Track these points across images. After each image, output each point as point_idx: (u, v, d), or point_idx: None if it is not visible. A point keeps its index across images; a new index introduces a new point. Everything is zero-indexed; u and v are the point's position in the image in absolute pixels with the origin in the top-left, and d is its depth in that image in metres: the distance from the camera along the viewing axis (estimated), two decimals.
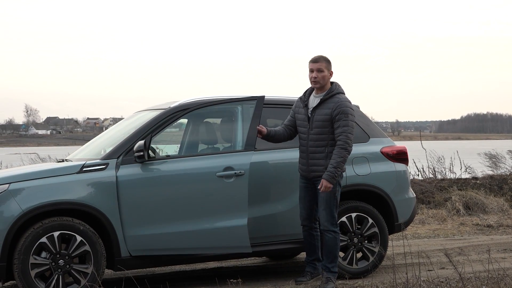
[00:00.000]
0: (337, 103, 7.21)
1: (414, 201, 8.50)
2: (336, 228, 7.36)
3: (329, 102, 7.26)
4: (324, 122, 7.24)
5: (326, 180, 7.13)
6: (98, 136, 8.63)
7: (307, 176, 7.42)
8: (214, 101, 7.84)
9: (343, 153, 7.13)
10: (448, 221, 12.57)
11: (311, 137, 7.32)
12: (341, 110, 7.17)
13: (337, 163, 7.12)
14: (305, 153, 7.39)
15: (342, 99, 7.25)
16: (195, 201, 7.37)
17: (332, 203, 7.29)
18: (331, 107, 7.22)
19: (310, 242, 7.61)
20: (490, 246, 9.90)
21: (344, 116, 7.16)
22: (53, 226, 6.89)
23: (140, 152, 7.12)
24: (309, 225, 7.56)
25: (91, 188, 7.07)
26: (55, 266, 6.87)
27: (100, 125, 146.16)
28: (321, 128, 7.26)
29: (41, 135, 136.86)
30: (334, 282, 7.32)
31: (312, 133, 7.31)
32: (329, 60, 7.39)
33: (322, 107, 7.28)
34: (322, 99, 7.30)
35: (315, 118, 7.29)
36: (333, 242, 7.33)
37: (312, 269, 7.62)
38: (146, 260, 7.27)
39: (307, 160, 7.37)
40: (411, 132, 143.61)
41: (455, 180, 15.23)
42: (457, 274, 6.79)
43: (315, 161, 7.31)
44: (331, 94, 7.29)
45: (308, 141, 7.35)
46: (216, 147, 8.01)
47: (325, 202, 7.28)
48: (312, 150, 7.32)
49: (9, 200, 6.82)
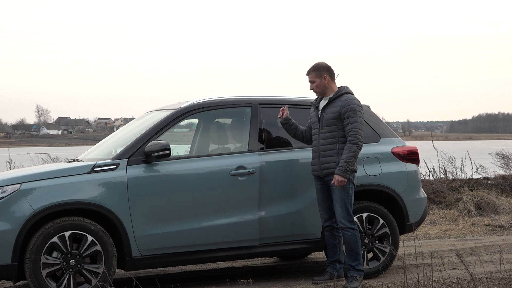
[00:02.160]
0: (345, 101, 7.38)
1: (425, 202, 8.48)
2: (354, 225, 7.41)
3: (337, 101, 7.43)
4: (333, 120, 7.38)
5: (338, 175, 7.24)
6: (109, 136, 8.65)
7: (319, 175, 7.49)
8: (225, 101, 7.87)
9: (354, 148, 7.24)
10: (460, 221, 12.53)
11: (321, 135, 7.44)
12: (349, 108, 7.32)
13: (348, 157, 7.22)
14: (317, 152, 7.49)
15: (350, 98, 7.42)
16: (207, 199, 7.41)
17: (346, 201, 7.36)
18: (340, 105, 7.38)
19: (331, 243, 7.63)
20: (502, 246, 9.86)
21: (353, 113, 7.30)
22: (64, 226, 6.91)
23: (167, 150, 7.16)
24: (331, 226, 7.59)
25: (102, 188, 7.09)
26: (66, 266, 6.89)
27: (111, 125, 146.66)
28: (331, 126, 7.39)
29: (52, 135, 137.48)
30: (358, 281, 7.32)
31: (323, 131, 7.44)
32: (319, 67, 7.53)
33: (331, 106, 7.45)
34: (330, 98, 7.46)
35: (325, 117, 7.44)
36: (353, 239, 7.37)
37: (332, 270, 7.62)
38: (157, 260, 7.28)
39: (319, 158, 7.46)
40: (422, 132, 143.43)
41: (466, 180, 15.17)
42: (469, 275, 6.77)
43: (327, 159, 7.40)
44: (339, 94, 7.47)
45: (319, 140, 7.47)
46: (227, 147, 8.03)
47: (340, 200, 7.35)
48: (323, 148, 7.43)
49: (20, 200, 6.85)
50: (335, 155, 7.37)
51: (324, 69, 7.53)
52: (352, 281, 7.31)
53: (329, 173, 7.39)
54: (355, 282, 7.30)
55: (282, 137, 7.96)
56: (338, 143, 7.37)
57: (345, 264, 7.54)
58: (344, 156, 7.25)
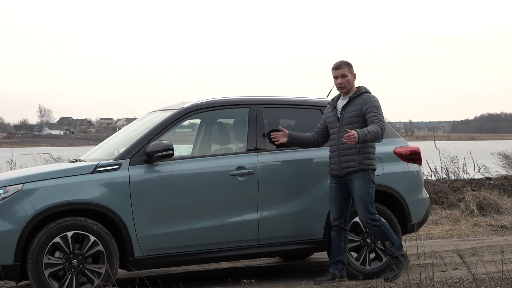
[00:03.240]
0: (365, 99, 7.50)
1: (427, 202, 8.48)
2: (377, 221, 7.51)
3: (357, 100, 7.53)
4: (354, 119, 7.48)
5: (357, 133, 7.17)
6: (112, 136, 8.66)
7: (338, 174, 7.54)
8: (227, 101, 7.88)
9: (378, 128, 7.29)
10: (462, 221, 12.53)
11: (341, 135, 7.48)
12: (371, 103, 7.45)
13: (372, 130, 7.25)
14: (337, 151, 7.54)
15: (369, 96, 7.54)
16: (208, 199, 7.42)
17: (367, 200, 7.46)
18: (360, 103, 7.48)
19: (337, 243, 7.63)
20: (504, 247, 9.85)
21: (375, 108, 7.43)
22: (67, 226, 6.92)
23: (170, 150, 7.17)
24: (339, 226, 7.61)
25: (104, 188, 7.10)
26: (69, 266, 6.90)
27: (114, 125, 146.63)
28: (352, 125, 7.46)
29: (54, 136, 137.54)
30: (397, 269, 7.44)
31: (343, 130, 7.49)
32: (350, 63, 7.65)
33: (351, 105, 7.53)
34: (351, 97, 7.55)
35: (345, 116, 7.53)
36: (381, 232, 7.52)
37: (334, 270, 7.61)
38: (159, 260, 7.29)
39: (339, 157, 7.51)
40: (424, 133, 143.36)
41: (468, 181, 15.16)
42: (471, 275, 6.76)
43: (347, 157, 7.47)
44: (359, 93, 7.57)
45: (339, 139, 7.51)
46: (229, 147, 8.04)
47: (361, 200, 7.45)
48: (344, 147, 7.49)
49: (23, 200, 6.86)
50: (356, 154, 7.43)
51: (353, 67, 7.65)
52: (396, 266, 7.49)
53: (349, 172, 7.45)
54: (392, 272, 7.48)
55: None
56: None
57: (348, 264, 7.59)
58: (369, 128, 7.25)
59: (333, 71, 7.62)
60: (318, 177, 7.82)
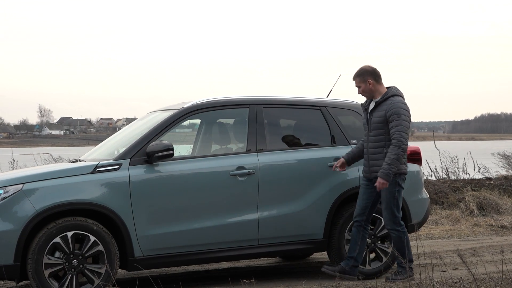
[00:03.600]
0: (390, 104, 7.46)
1: (427, 202, 8.48)
2: (400, 226, 7.53)
3: (383, 105, 7.52)
4: (380, 124, 7.49)
5: (381, 178, 7.33)
6: (112, 136, 8.67)
7: (368, 177, 7.61)
8: (227, 101, 7.88)
9: (396, 150, 7.32)
10: (462, 221, 12.53)
11: (370, 139, 7.57)
12: (394, 111, 7.40)
13: (390, 160, 7.32)
14: (366, 155, 7.62)
15: (395, 101, 7.47)
16: (208, 199, 7.43)
17: (392, 203, 7.49)
18: (385, 109, 7.47)
19: (354, 239, 7.65)
20: (504, 247, 9.85)
21: (397, 116, 7.37)
22: (67, 226, 6.92)
23: (170, 151, 7.17)
24: (359, 223, 7.64)
25: (104, 188, 7.10)
26: (69, 266, 6.90)
27: (114, 125, 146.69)
28: (378, 130, 7.51)
29: (54, 136, 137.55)
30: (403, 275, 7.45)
31: (371, 135, 7.56)
32: (362, 72, 7.62)
33: (378, 109, 7.55)
34: (377, 102, 7.56)
35: (372, 120, 7.57)
36: (398, 240, 7.53)
37: (345, 265, 7.62)
38: (159, 260, 7.29)
39: (368, 161, 7.58)
40: (424, 133, 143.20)
41: (468, 181, 15.16)
42: (471, 275, 6.76)
43: (375, 162, 7.52)
44: (385, 97, 7.54)
45: (368, 143, 7.59)
46: (229, 147, 8.04)
47: (385, 203, 7.49)
48: (372, 151, 7.55)
49: (23, 200, 6.86)
50: (383, 159, 7.45)
51: (368, 73, 7.60)
52: (397, 274, 7.51)
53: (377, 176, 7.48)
54: (399, 275, 7.48)
55: (282, 138, 7.97)
56: (385, 147, 7.47)
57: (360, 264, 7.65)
58: (386, 159, 7.34)
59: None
60: (318, 177, 7.82)
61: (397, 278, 7.46)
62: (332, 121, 8.08)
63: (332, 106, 8.19)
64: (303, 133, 8.16)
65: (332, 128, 8.06)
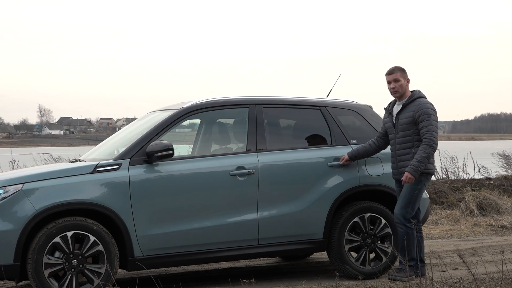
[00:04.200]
0: (418, 105, 7.56)
1: (427, 202, 8.48)
2: (409, 223, 7.57)
3: (411, 106, 7.61)
4: (408, 125, 7.58)
5: (409, 172, 7.42)
6: (111, 136, 8.66)
7: (398, 178, 7.70)
8: (227, 101, 7.89)
9: (428, 149, 7.44)
10: (462, 221, 12.53)
11: (397, 140, 7.65)
12: (423, 112, 7.51)
13: (421, 157, 7.42)
14: (394, 157, 7.71)
15: (423, 102, 7.59)
16: (208, 199, 7.42)
17: (410, 198, 7.56)
18: (413, 109, 7.56)
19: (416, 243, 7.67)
20: (504, 247, 9.86)
21: (427, 117, 7.49)
22: (67, 226, 6.92)
23: (170, 150, 7.18)
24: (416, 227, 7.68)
25: (104, 188, 7.10)
26: (69, 266, 6.90)
27: (113, 125, 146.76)
28: (406, 131, 7.60)
29: (54, 135, 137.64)
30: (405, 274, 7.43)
31: (398, 136, 7.65)
32: (403, 68, 7.76)
33: (405, 111, 7.63)
34: (404, 104, 7.64)
35: (399, 122, 7.65)
36: (406, 235, 7.56)
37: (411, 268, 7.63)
38: (159, 260, 7.29)
39: (396, 163, 7.68)
40: None
41: (468, 181, 15.16)
42: (471, 275, 6.76)
43: (403, 163, 7.60)
44: (412, 99, 7.64)
45: (396, 145, 7.68)
46: (229, 147, 8.04)
47: (404, 196, 7.58)
48: (400, 152, 7.64)
49: (23, 200, 6.86)
50: (411, 159, 7.53)
51: (406, 72, 7.73)
52: (400, 272, 7.52)
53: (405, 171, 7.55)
54: (401, 273, 7.49)
55: (282, 137, 7.97)
56: (413, 147, 7.57)
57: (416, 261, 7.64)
58: (417, 156, 7.44)
59: (387, 76, 7.75)
60: (318, 177, 7.82)
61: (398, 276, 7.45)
62: (332, 121, 8.08)
63: (332, 106, 8.19)
64: (303, 133, 8.16)
65: (332, 128, 8.06)
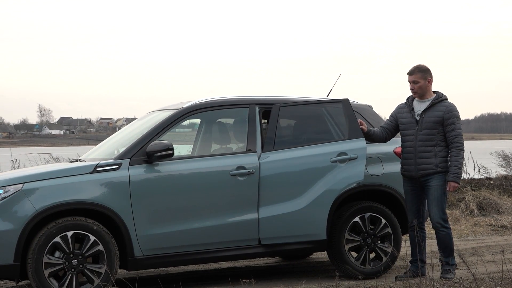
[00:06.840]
0: (448, 107, 7.62)
1: None
2: (448, 224, 7.73)
3: (439, 106, 7.65)
4: (435, 124, 7.60)
5: (453, 181, 7.53)
6: (112, 136, 8.66)
7: (414, 175, 7.68)
8: (227, 101, 7.89)
9: (461, 153, 7.59)
10: (462, 221, 12.53)
11: (419, 137, 7.64)
12: (453, 114, 7.59)
13: (459, 163, 7.56)
14: (413, 153, 7.68)
15: (451, 104, 7.69)
16: (208, 199, 7.42)
17: (443, 201, 7.64)
18: (442, 110, 7.60)
19: (414, 243, 7.70)
20: (504, 246, 9.86)
21: (456, 120, 7.60)
22: (67, 226, 6.92)
23: (170, 150, 7.18)
24: (418, 226, 7.71)
25: (104, 188, 7.10)
26: (69, 266, 6.90)
27: (114, 125, 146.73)
28: (431, 129, 7.61)
29: (54, 135, 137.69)
30: (453, 272, 7.59)
31: (421, 133, 7.64)
32: (425, 69, 7.75)
33: (432, 110, 7.65)
34: (432, 103, 7.65)
35: (425, 120, 7.64)
36: (447, 237, 7.68)
37: (415, 269, 7.72)
38: (159, 260, 7.29)
39: (415, 159, 7.64)
40: None
41: (468, 181, 15.17)
42: (471, 275, 6.76)
43: (424, 160, 7.61)
44: (440, 99, 7.68)
45: (416, 142, 7.65)
46: (229, 147, 8.04)
47: (436, 200, 7.61)
48: (421, 150, 7.62)
49: (23, 199, 6.86)
50: (433, 157, 7.57)
51: (429, 72, 7.74)
52: (448, 273, 7.58)
53: (425, 174, 7.59)
54: (450, 274, 7.56)
55: (282, 137, 7.96)
56: (436, 146, 7.59)
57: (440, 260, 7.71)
58: (455, 162, 7.52)
59: (408, 76, 7.76)
60: (318, 176, 7.80)
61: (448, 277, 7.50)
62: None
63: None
64: (303, 133, 8.15)
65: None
